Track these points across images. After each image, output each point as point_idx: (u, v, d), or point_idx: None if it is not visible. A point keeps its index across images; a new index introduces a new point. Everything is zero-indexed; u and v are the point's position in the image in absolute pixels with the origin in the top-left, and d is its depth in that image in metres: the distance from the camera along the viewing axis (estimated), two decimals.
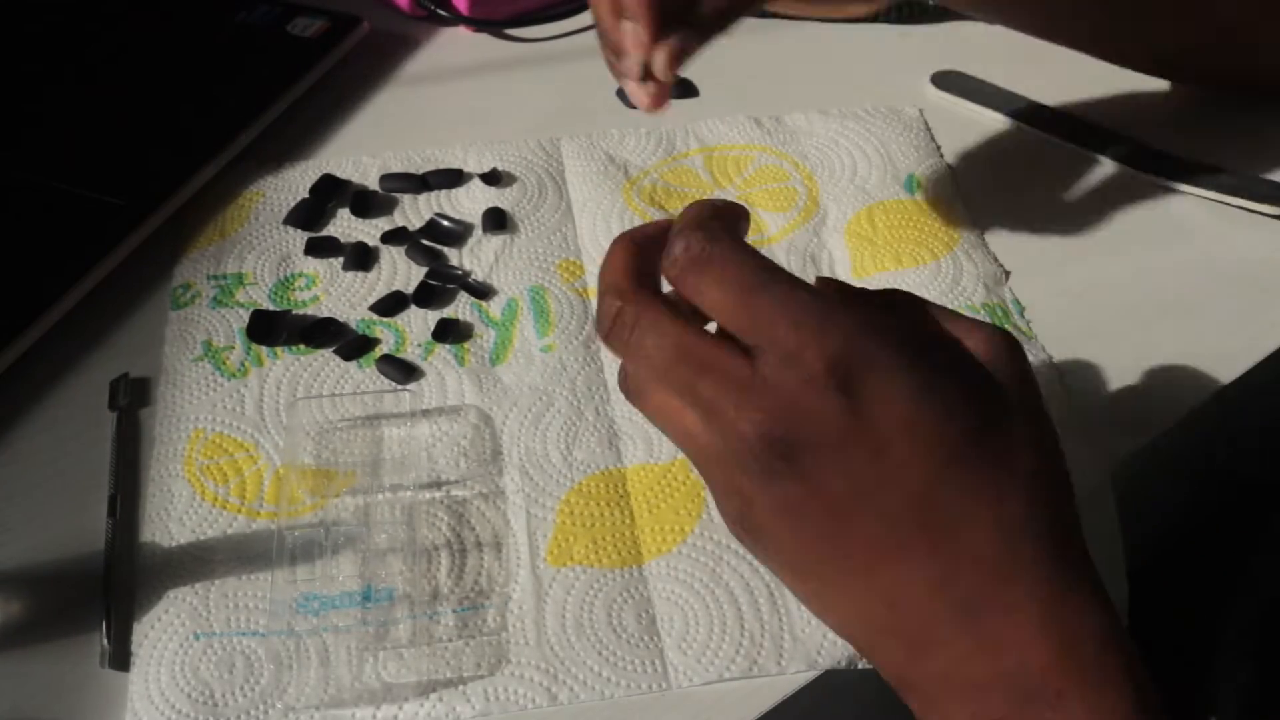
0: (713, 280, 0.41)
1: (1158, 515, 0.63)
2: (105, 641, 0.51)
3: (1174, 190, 0.70)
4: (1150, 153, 0.71)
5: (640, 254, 0.44)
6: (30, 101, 0.76)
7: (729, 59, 0.68)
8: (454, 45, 0.83)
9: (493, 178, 0.70)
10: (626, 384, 0.44)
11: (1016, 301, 0.64)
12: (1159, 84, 0.76)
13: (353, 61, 0.80)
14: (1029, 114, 0.75)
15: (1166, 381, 0.60)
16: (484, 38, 0.83)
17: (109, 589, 0.52)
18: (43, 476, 0.57)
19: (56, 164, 0.70)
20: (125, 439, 0.58)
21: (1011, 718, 0.40)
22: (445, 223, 0.68)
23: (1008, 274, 0.66)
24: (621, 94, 0.58)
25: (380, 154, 0.73)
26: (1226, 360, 0.61)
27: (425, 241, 0.68)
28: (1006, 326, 0.54)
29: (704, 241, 0.42)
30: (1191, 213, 0.69)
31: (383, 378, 0.61)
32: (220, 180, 0.71)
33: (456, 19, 0.83)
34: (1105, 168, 0.72)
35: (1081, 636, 0.40)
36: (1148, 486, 0.58)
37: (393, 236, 0.68)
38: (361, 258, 0.66)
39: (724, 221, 0.43)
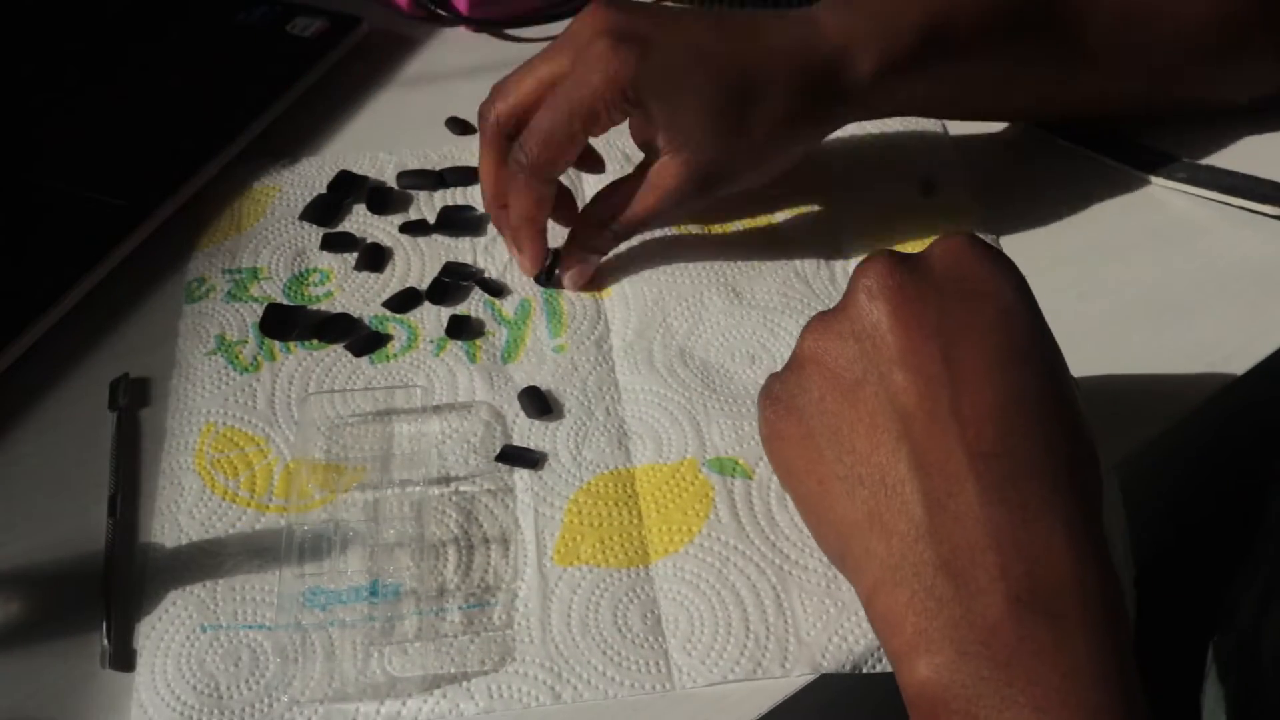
0: None
1: (1157, 516, 0.62)
2: (105, 641, 0.51)
3: (1176, 191, 0.70)
4: (1152, 153, 0.71)
5: None
6: (29, 102, 0.76)
7: None
8: (454, 45, 0.83)
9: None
10: None
11: None
12: None
13: (353, 62, 0.80)
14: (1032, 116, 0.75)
15: (1168, 382, 0.60)
16: (484, 38, 0.83)
17: (109, 589, 0.53)
18: (43, 476, 0.57)
19: (56, 164, 0.71)
20: (125, 439, 0.59)
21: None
22: (462, 212, 0.69)
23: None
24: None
25: (398, 150, 0.73)
26: (1227, 360, 0.61)
27: (444, 230, 0.68)
28: None
29: None
30: (1193, 213, 0.69)
31: (395, 374, 0.61)
32: (236, 175, 0.72)
33: (456, 19, 0.83)
34: (1108, 168, 0.71)
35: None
36: (1147, 487, 0.58)
37: (411, 227, 0.68)
38: (374, 259, 0.67)
39: None
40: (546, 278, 0.65)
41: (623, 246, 0.67)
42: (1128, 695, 0.40)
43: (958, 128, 0.75)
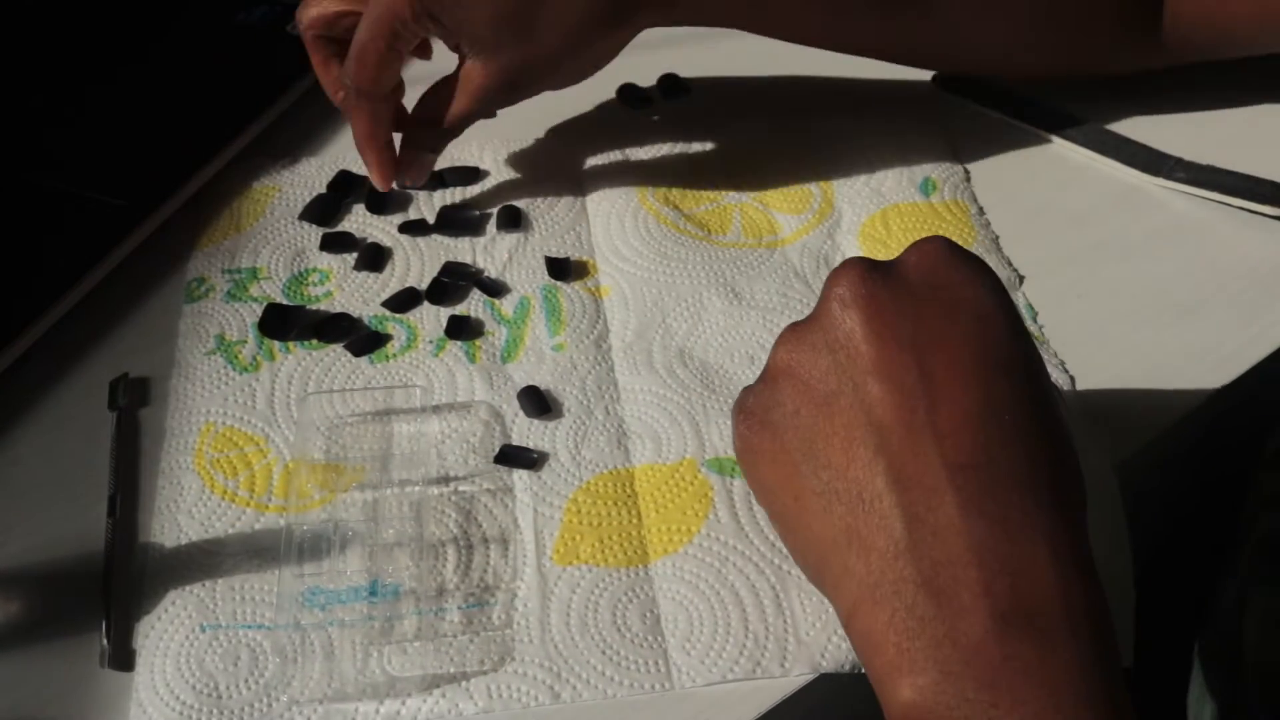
0: None
1: (1155, 516, 0.62)
2: (105, 641, 0.51)
3: (1178, 192, 0.70)
4: (1150, 153, 0.71)
5: None
6: (29, 102, 0.76)
7: (734, 61, 0.68)
8: None
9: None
10: None
11: (1030, 306, 0.64)
12: (1161, 85, 0.76)
13: None
14: (1031, 114, 0.75)
15: (1168, 382, 0.60)
16: None
17: (109, 589, 0.53)
18: (43, 476, 0.57)
19: (56, 164, 0.71)
20: (125, 439, 0.59)
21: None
22: (461, 212, 0.69)
23: (1021, 279, 0.65)
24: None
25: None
26: (1226, 361, 0.61)
27: (443, 230, 0.68)
28: None
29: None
30: (1193, 213, 0.69)
31: (394, 374, 0.61)
32: (236, 175, 0.72)
33: None
34: (1109, 169, 0.72)
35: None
36: (1146, 487, 0.58)
37: (410, 227, 0.68)
38: (374, 259, 0.67)
39: None
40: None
41: (622, 247, 0.67)
42: (1116, 709, 0.40)
43: (957, 127, 0.75)
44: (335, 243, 0.68)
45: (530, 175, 0.71)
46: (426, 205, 0.70)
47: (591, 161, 0.72)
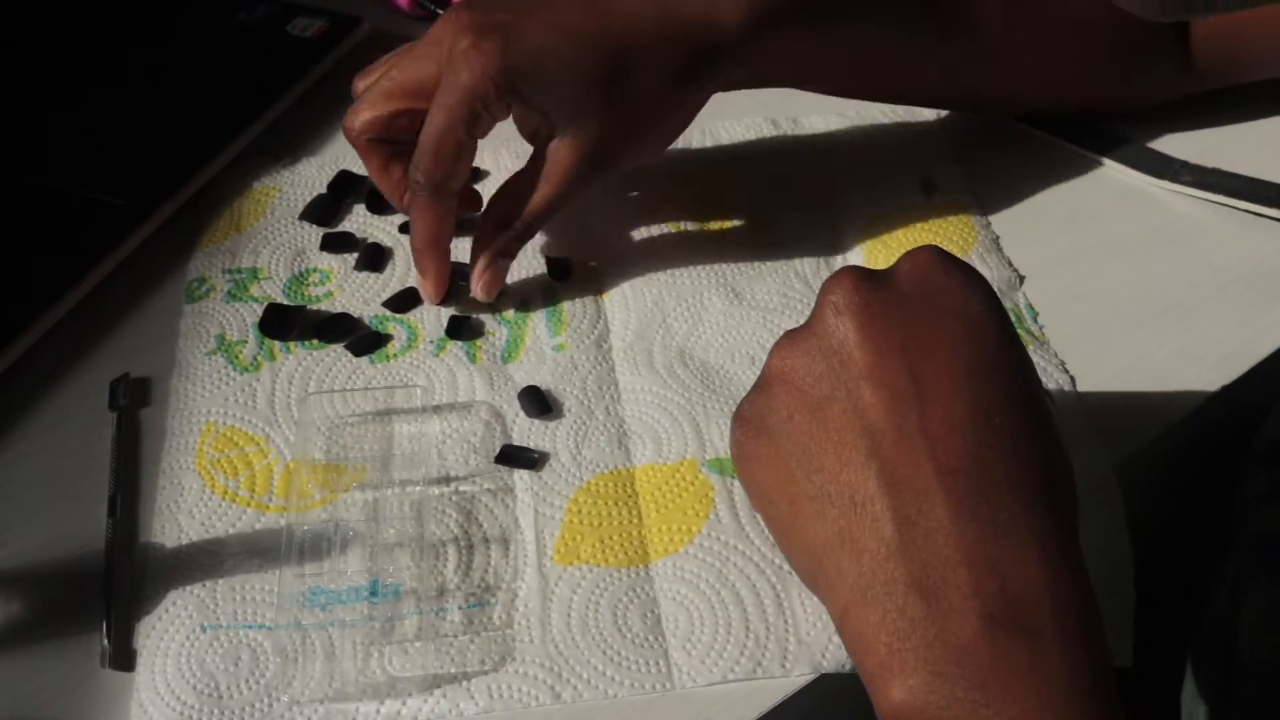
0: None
1: (1152, 516, 0.63)
2: (105, 641, 0.51)
3: (1180, 194, 0.70)
4: (1156, 157, 0.71)
5: None
6: (30, 102, 0.76)
7: None
8: None
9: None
10: None
11: (1030, 306, 0.64)
12: None
13: (353, 62, 0.79)
14: (1034, 116, 0.75)
15: (1168, 383, 0.60)
16: None
17: (109, 589, 0.53)
18: (43, 476, 0.57)
19: (55, 164, 0.71)
20: (125, 439, 0.59)
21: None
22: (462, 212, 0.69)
23: (1022, 279, 0.66)
24: None
25: None
26: (1226, 362, 0.61)
27: None
28: (1019, 331, 0.54)
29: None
30: (1195, 215, 0.69)
31: (395, 374, 0.61)
32: (236, 175, 0.72)
33: None
34: (1112, 171, 0.72)
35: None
36: (1145, 487, 0.58)
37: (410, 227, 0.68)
38: (374, 259, 0.67)
39: None
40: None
41: (623, 247, 0.67)
42: (1106, 709, 0.40)
43: (957, 127, 0.75)
44: (336, 243, 0.68)
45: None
46: None
47: None
